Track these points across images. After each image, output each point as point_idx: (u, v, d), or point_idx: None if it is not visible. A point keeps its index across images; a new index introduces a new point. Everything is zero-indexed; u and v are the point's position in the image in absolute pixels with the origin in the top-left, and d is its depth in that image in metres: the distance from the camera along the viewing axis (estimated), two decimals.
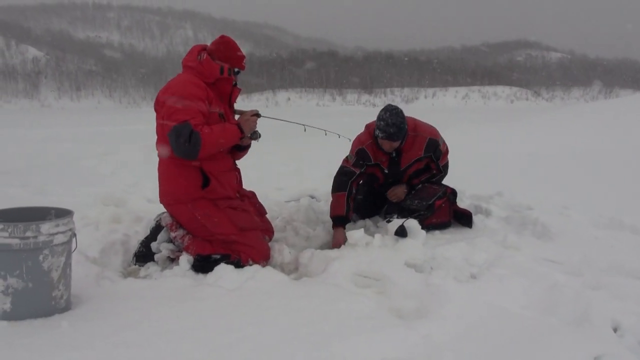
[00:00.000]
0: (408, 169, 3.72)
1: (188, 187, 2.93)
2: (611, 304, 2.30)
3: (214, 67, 2.95)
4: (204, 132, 2.72)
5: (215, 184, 2.96)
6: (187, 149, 2.71)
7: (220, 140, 2.83)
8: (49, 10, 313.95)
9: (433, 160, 3.74)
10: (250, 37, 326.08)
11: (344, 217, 3.51)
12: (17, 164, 7.73)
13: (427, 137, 3.64)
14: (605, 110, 14.48)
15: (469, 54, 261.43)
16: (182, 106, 2.74)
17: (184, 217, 2.99)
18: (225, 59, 3.01)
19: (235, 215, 3.03)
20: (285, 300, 2.36)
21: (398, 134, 3.46)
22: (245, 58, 3.16)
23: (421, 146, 3.63)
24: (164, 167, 3.01)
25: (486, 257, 2.98)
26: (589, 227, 3.60)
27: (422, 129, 3.68)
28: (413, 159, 3.67)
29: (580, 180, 5.70)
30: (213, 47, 3.05)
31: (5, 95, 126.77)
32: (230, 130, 2.90)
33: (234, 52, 3.06)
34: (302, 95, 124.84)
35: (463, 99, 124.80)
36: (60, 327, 2.03)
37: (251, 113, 3.07)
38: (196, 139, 2.68)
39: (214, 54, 3.02)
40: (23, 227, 2.07)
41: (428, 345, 1.97)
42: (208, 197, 2.96)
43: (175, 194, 2.96)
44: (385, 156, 3.69)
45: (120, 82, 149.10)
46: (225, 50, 3.04)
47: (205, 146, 2.73)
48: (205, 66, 2.94)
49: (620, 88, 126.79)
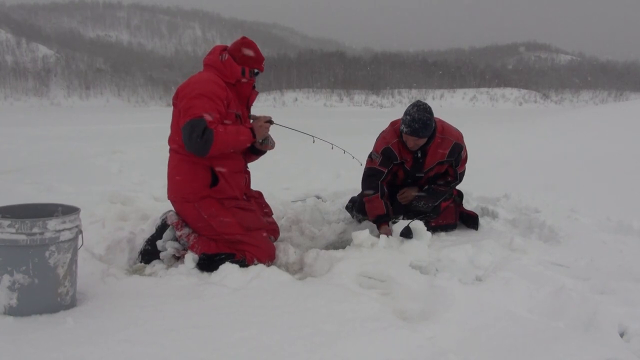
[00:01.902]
0: (430, 171, 3.64)
1: (196, 185, 2.94)
2: (618, 309, 2.28)
3: (235, 68, 2.97)
4: (218, 131, 2.73)
5: (223, 184, 2.97)
6: (199, 145, 2.72)
7: (232, 141, 2.84)
8: (59, 9, 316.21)
9: (452, 165, 3.68)
10: (259, 37, 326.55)
11: (385, 215, 3.50)
12: (26, 161, 7.79)
13: (454, 141, 3.56)
14: (615, 114, 14.36)
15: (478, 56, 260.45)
16: (200, 102, 2.76)
17: (190, 216, 3.00)
18: (246, 60, 3.03)
19: (241, 214, 3.03)
20: (290, 300, 2.36)
21: (423, 130, 3.35)
22: (265, 60, 3.17)
23: (446, 149, 3.56)
24: (175, 163, 3.03)
25: (492, 260, 2.97)
26: (597, 231, 3.57)
27: (450, 133, 3.59)
28: (436, 162, 3.59)
29: (588, 184, 5.64)
30: (234, 48, 3.06)
31: (16, 93, 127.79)
32: (244, 132, 2.91)
33: (254, 54, 3.08)
34: (309, 96, 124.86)
35: (471, 100, 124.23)
36: (65, 324, 2.05)
37: (265, 119, 3.08)
38: (209, 135, 2.69)
39: (234, 54, 3.03)
40: (30, 223, 2.08)
41: (432, 347, 1.96)
42: (214, 197, 2.97)
43: (183, 191, 2.97)
44: (409, 155, 3.58)
45: (129, 81, 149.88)
46: (246, 51, 3.06)
47: (217, 144, 2.74)
48: (227, 66, 2.97)
49: (630, 91, 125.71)
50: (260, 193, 3.49)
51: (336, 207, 4.38)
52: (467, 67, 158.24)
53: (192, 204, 2.96)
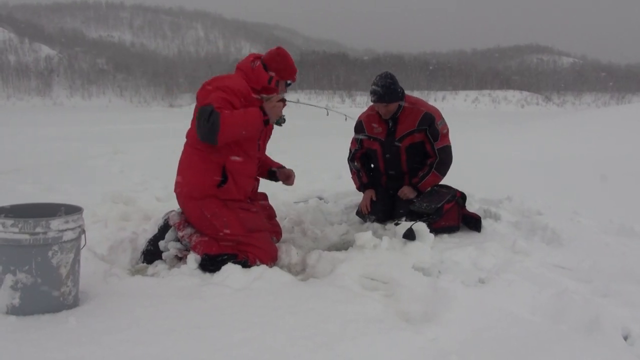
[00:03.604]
0: (403, 140, 3.79)
1: (205, 181, 2.93)
2: (622, 312, 2.27)
3: (263, 75, 3.00)
4: (224, 113, 2.70)
5: (231, 185, 2.97)
6: (206, 129, 2.69)
7: (240, 122, 2.76)
8: (62, 9, 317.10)
9: (429, 139, 3.77)
10: (261, 38, 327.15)
11: (361, 186, 4.10)
12: (29, 161, 7.80)
13: (424, 111, 3.76)
14: (617, 116, 14.34)
15: (480, 58, 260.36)
16: (214, 95, 2.78)
17: (194, 214, 3.00)
18: (278, 70, 3.06)
19: (244, 215, 3.03)
20: (292, 301, 2.35)
21: (388, 95, 3.64)
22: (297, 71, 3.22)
23: (416, 118, 3.75)
24: (187, 156, 3.03)
25: (495, 262, 2.96)
26: (600, 234, 3.56)
27: (421, 104, 3.84)
28: (407, 130, 3.78)
29: (590, 186, 5.64)
30: (268, 57, 3.09)
31: (18, 92, 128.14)
32: (252, 111, 2.84)
33: (287, 65, 3.11)
34: (311, 97, 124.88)
35: (473, 102, 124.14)
36: (67, 323, 2.04)
37: (277, 99, 3.01)
38: (215, 118, 2.66)
39: (268, 64, 3.06)
40: (33, 223, 2.08)
41: (435, 349, 1.95)
42: (219, 197, 2.97)
43: (190, 184, 2.97)
44: (382, 125, 3.86)
45: (131, 82, 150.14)
46: (280, 62, 3.08)
47: (224, 126, 2.68)
48: (256, 72, 3.00)
49: (633, 94, 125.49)
50: (265, 195, 3.49)
51: (339, 208, 4.38)
52: (469, 69, 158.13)
53: (196, 201, 2.95)
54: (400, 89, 3.72)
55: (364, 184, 4.07)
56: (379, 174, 4.04)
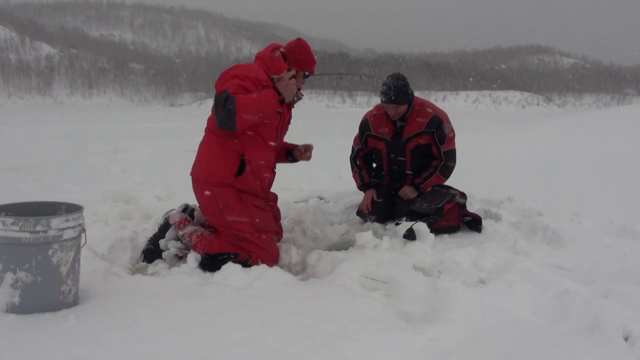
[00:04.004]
0: (409, 141, 3.78)
1: (223, 169, 2.92)
2: (622, 313, 2.26)
3: (282, 65, 2.99)
4: (239, 97, 2.69)
5: (249, 175, 2.95)
6: (223, 115, 2.67)
7: (256, 103, 2.74)
8: (63, 7, 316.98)
9: (435, 141, 3.77)
10: (262, 37, 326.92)
11: (362, 186, 4.08)
12: (29, 160, 7.80)
13: (433, 113, 3.75)
14: (618, 117, 14.34)
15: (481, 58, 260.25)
16: (230, 82, 2.77)
17: (206, 199, 2.97)
18: (298, 61, 3.06)
19: (256, 214, 3.00)
20: (292, 300, 2.35)
21: (399, 96, 3.62)
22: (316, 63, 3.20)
23: (424, 120, 3.74)
24: (206, 142, 3.03)
25: (495, 262, 2.96)
26: (600, 234, 3.56)
27: (430, 106, 3.83)
28: (415, 131, 3.77)
29: (591, 187, 5.64)
30: (288, 48, 3.09)
31: (19, 91, 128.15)
32: (266, 94, 2.83)
33: (307, 56, 3.10)
34: (311, 97, 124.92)
35: (474, 103, 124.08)
36: (67, 322, 2.04)
37: (289, 76, 2.98)
38: (230, 103, 2.64)
39: (287, 54, 3.06)
40: (33, 221, 2.08)
41: (435, 349, 1.95)
42: (236, 187, 2.95)
43: (208, 170, 2.96)
44: (389, 126, 3.84)
45: (132, 81, 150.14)
46: (299, 53, 3.08)
47: (241, 109, 2.66)
48: (275, 62, 2.98)
49: (633, 95, 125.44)
50: (276, 196, 3.47)
51: (339, 208, 4.37)
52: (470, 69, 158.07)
53: (212, 187, 2.93)
54: (410, 90, 3.72)
55: (365, 183, 4.06)
56: (381, 174, 4.04)
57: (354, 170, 4.16)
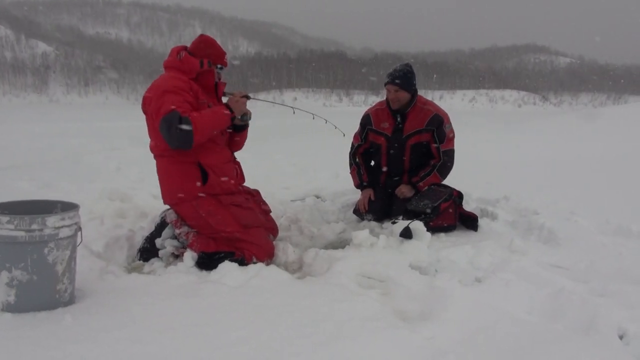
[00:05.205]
0: (409, 138, 3.82)
1: (187, 185, 2.93)
2: (618, 312, 2.27)
3: (193, 61, 2.97)
4: (193, 116, 2.71)
5: (213, 179, 2.96)
6: (181, 136, 2.67)
7: (211, 121, 2.81)
8: (59, 5, 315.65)
9: (435, 140, 3.80)
10: (259, 36, 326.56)
11: (360, 185, 4.06)
12: (25, 158, 7.77)
13: (434, 112, 3.81)
14: (614, 116, 14.39)
15: (478, 57, 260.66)
16: (167, 99, 2.74)
17: (189, 214, 3.00)
18: (207, 57, 3.03)
19: (239, 212, 3.03)
20: (289, 299, 2.35)
21: (403, 80, 3.70)
22: (227, 55, 3.18)
23: (425, 118, 3.79)
24: (162, 167, 3.02)
25: (491, 261, 2.97)
26: (596, 234, 3.57)
27: (432, 105, 3.88)
28: (415, 128, 3.81)
29: (587, 186, 5.65)
30: (193, 46, 3.08)
31: (15, 89, 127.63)
32: (220, 112, 2.90)
33: (214, 50, 3.07)
34: (308, 95, 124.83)
35: (470, 102, 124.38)
36: (63, 321, 2.04)
37: (240, 94, 3.05)
38: (187, 123, 2.66)
39: (194, 52, 3.04)
40: (29, 219, 2.07)
41: (431, 348, 1.95)
42: (210, 193, 2.96)
43: (176, 192, 2.96)
44: (390, 121, 3.88)
45: (128, 79, 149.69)
46: (205, 48, 3.05)
47: (198, 129, 2.69)
48: (184, 62, 2.97)
49: (629, 94, 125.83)
50: (258, 191, 3.48)
51: (336, 206, 4.37)
52: (467, 68, 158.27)
53: (189, 202, 2.95)
54: (415, 83, 3.80)
55: (363, 182, 4.06)
56: (379, 170, 4.04)
57: (352, 167, 4.15)
